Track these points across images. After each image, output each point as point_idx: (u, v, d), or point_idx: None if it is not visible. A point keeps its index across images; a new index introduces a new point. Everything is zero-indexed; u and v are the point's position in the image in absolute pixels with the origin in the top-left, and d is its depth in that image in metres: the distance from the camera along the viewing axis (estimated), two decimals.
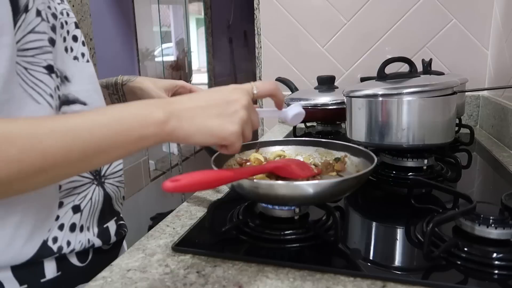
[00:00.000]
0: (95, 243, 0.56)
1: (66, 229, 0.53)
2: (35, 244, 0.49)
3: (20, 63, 0.46)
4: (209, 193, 0.77)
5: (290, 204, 0.57)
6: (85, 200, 0.55)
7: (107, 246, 0.60)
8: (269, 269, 0.49)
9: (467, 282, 0.47)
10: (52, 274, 0.51)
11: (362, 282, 0.46)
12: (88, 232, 0.56)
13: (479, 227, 0.52)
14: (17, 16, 0.45)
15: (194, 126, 0.45)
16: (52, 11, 0.51)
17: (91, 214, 0.56)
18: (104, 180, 0.59)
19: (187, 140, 0.45)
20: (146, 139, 0.43)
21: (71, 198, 0.53)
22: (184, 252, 0.54)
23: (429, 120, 0.77)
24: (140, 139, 0.42)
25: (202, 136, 0.45)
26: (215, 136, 0.46)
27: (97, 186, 0.57)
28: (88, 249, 0.56)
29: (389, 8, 1.35)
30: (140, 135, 0.42)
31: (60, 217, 0.52)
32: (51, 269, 0.51)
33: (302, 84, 1.46)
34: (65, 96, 0.53)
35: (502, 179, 0.84)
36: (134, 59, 2.30)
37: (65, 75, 0.54)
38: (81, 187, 0.55)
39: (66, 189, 0.53)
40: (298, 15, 1.44)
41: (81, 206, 0.55)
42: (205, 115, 0.45)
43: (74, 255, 0.54)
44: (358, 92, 0.83)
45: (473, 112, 1.35)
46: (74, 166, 0.41)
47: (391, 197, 0.77)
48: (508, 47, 1.14)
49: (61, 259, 0.52)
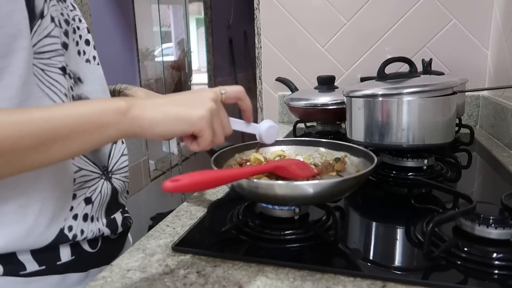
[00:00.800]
0: (105, 232, 0.61)
1: (80, 219, 0.57)
2: (53, 231, 0.53)
3: (37, 65, 0.50)
4: (209, 193, 0.77)
5: (290, 204, 0.57)
6: (95, 193, 0.59)
7: (114, 235, 0.64)
8: (269, 269, 0.49)
9: (467, 282, 0.47)
10: (67, 257, 0.56)
11: (362, 282, 0.46)
12: (98, 222, 0.60)
13: (479, 227, 0.52)
14: (34, 22, 0.48)
15: (159, 113, 0.44)
16: (64, 18, 0.56)
17: (100, 206, 0.61)
18: (111, 175, 0.63)
19: (152, 130, 0.44)
20: (106, 127, 0.42)
21: (83, 190, 0.58)
22: (184, 252, 0.54)
23: (429, 120, 0.77)
24: (101, 127, 0.42)
25: (168, 124, 0.44)
26: (182, 121, 0.45)
27: (105, 180, 0.62)
28: (98, 237, 0.60)
29: (389, 8, 1.36)
30: (101, 123, 0.42)
31: (73, 208, 0.56)
32: (66, 254, 0.56)
33: (302, 84, 1.46)
34: (78, 96, 0.58)
35: (502, 179, 0.84)
36: (134, 59, 2.30)
37: (78, 76, 0.58)
38: (91, 181, 0.59)
39: (79, 182, 0.57)
40: (298, 15, 1.44)
41: (92, 198, 0.59)
42: (171, 104, 0.46)
43: (86, 242, 0.59)
44: (358, 92, 0.83)
45: (473, 112, 1.35)
46: (28, 154, 0.41)
47: (391, 197, 0.77)
48: (508, 47, 1.14)
49: (74, 245, 0.57)
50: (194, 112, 0.45)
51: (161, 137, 0.46)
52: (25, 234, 0.51)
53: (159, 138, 0.46)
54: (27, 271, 0.52)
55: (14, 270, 0.51)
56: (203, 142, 0.47)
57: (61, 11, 0.55)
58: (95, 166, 0.60)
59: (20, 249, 0.51)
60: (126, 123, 0.43)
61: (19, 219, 0.50)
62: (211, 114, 0.47)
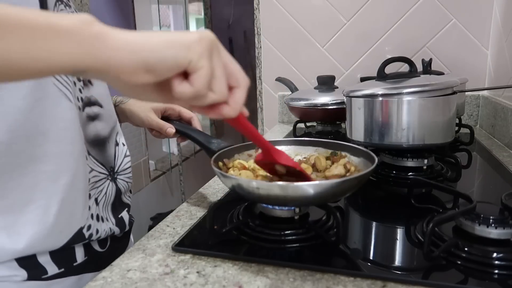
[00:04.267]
0: (115, 231, 0.63)
1: (94, 219, 0.58)
2: (72, 230, 0.55)
3: None
4: (209, 193, 0.77)
5: (291, 204, 0.57)
6: (101, 194, 0.61)
7: (120, 234, 0.66)
8: (269, 269, 0.49)
9: (467, 282, 0.47)
10: (81, 258, 0.58)
11: (362, 282, 0.46)
12: (108, 221, 0.62)
13: (479, 227, 0.52)
14: None
15: (141, 37, 0.32)
16: None
17: (105, 206, 0.62)
18: (117, 176, 0.65)
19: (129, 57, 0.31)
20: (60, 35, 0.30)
21: (94, 191, 0.59)
22: (184, 252, 0.54)
23: (429, 120, 0.77)
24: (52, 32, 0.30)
25: (155, 47, 0.32)
26: (175, 43, 0.32)
27: (111, 181, 0.63)
28: (107, 237, 0.62)
29: (389, 8, 1.35)
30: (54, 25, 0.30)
31: (90, 207, 0.58)
32: (80, 254, 0.57)
33: (302, 84, 1.46)
34: (87, 98, 0.58)
35: (502, 179, 0.83)
36: None
37: (88, 79, 0.58)
38: (99, 181, 0.60)
39: (92, 183, 0.58)
40: (298, 15, 1.44)
41: (98, 198, 0.60)
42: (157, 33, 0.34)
43: (96, 242, 0.60)
44: (358, 92, 0.83)
45: (473, 112, 1.35)
46: None
47: (391, 197, 0.77)
48: (508, 47, 1.14)
49: (86, 245, 0.58)
50: (190, 35, 0.33)
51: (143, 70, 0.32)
52: (46, 234, 0.52)
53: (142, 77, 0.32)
54: (48, 275, 0.54)
55: (37, 275, 0.53)
56: (198, 80, 0.33)
57: None
58: (103, 167, 0.61)
59: (41, 250, 0.53)
60: (88, 38, 0.31)
61: (40, 219, 0.51)
62: (211, 44, 0.34)
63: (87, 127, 0.58)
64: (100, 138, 0.61)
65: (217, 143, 0.70)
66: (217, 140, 0.71)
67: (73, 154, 0.53)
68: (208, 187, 0.81)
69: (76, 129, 0.53)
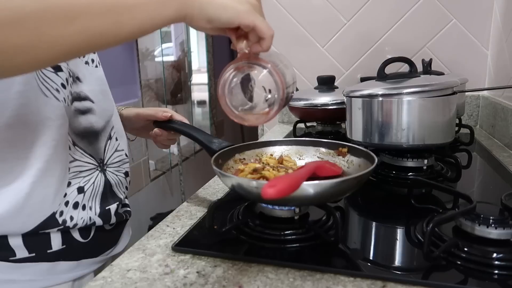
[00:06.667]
0: (96, 222, 0.63)
1: (70, 206, 0.60)
2: (44, 214, 0.57)
3: None
4: (209, 193, 0.77)
5: (291, 204, 0.58)
6: (88, 183, 0.63)
7: (109, 226, 0.67)
8: (269, 269, 0.49)
9: (467, 282, 0.47)
10: (57, 246, 0.59)
11: (362, 282, 0.46)
12: (90, 211, 0.63)
13: (479, 227, 0.52)
14: None
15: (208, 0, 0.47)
16: None
17: (93, 195, 0.64)
18: (106, 167, 0.67)
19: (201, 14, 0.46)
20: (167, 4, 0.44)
21: (77, 179, 0.61)
22: (184, 252, 0.54)
23: (429, 120, 0.77)
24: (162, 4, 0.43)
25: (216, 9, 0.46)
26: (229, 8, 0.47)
27: (100, 172, 0.65)
28: (89, 226, 0.63)
29: (389, 8, 1.36)
30: None
31: (67, 195, 0.60)
32: (56, 242, 0.59)
33: (302, 84, 1.46)
34: (77, 94, 0.62)
35: (502, 179, 0.84)
36: (134, 59, 2.30)
37: (77, 76, 0.62)
38: (87, 171, 0.63)
39: (74, 172, 0.61)
40: (298, 15, 1.44)
41: (84, 188, 0.62)
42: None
43: (77, 231, 0.61)
44: (358, 92, 0.83)
45: (473, 112, 1.35)
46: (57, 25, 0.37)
47: (391, 197, 0.77)
48: (508, 47, 1.14)
49: (65, 234, 0.60)
50: (240, 6, 0.48)
51: (208, 22, 0.47)
52: (15, 214, 0.54)
53: (206, 25, 0.47)
54: (16, 257, 0.55)
55: (4, 256, 0.55)
56: (262, 26, 0.48)
57: None
58: (91, 157, 0.64)
59: (11, 231, 0.54)
60: (183, 3, 0.45)
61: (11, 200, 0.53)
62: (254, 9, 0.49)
63: (76, 120, 0.61)
64: (93, 130, 0.65)
65: (218, 143, 0.70)
66: (218, 139, 0.71)
67: (47, 143, 0.56)
68: (208, 187, 0.81)
69: (55, 121, 0.57)
